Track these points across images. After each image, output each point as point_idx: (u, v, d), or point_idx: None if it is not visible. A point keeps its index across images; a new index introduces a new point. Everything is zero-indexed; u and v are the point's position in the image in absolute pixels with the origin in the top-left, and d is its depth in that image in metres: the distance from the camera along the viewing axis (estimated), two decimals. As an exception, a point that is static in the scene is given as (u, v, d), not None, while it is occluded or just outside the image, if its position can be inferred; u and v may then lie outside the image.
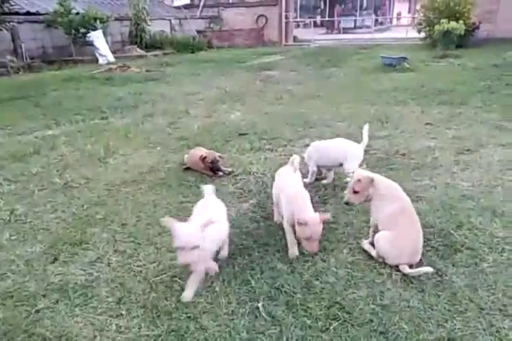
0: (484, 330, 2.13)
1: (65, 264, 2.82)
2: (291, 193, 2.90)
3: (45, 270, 2.75)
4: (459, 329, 2.14)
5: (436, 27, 13.24)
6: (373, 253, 2.75)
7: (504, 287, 2.43)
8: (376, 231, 2.78)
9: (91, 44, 13.83)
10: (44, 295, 2.51)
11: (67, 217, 3.47)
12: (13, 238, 3.16)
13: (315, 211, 2.80)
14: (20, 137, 5.79)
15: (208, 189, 2.96)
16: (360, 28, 29.13)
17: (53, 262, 2.84)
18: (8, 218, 3.46)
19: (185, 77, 10.99)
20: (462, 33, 13.05)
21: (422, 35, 15.40)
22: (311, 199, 2.96)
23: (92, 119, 6.72)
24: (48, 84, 9.95)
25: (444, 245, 2.83)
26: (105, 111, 7.21)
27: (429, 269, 2.52)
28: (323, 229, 2.71)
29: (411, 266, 2.57)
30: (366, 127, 3.79)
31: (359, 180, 2.75)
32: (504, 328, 2.13)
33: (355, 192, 2.79)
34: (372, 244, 2.81)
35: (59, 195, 3.89)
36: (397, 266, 2.60)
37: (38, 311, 2.39)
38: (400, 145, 4.84)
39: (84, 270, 2.75)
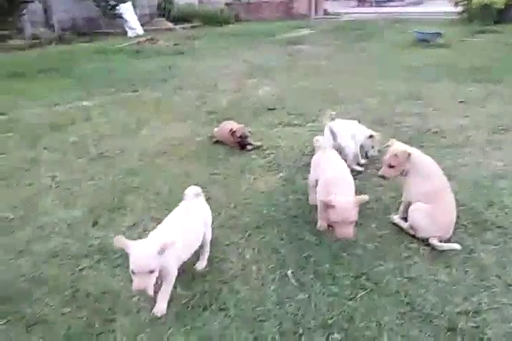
0: (511, 305, 2.17)
1: (104, 228, 2.99)
2: (328, 177, 2.79)
3: (86, 233, 2.93)
4: (485, 303, 2.18)
5: (474, 0, 12.59)
6: (404, 225, 2.79)
7: (533, 265, 2.44)
8: (408, 207, 2.80)
9: (120, 16, 13.86)
10: (86, 256, 2.68)
11: (104, 184, 3.64)
12: (55, 202, 3.36)
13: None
14: (56, 108, 5.99)
15: (191, 192, 2.59)
16: (393, 1, 27.92)
17: (93, 226, 3.02)
18: (49, 184, 3.66)
19: (213, 50, 10.93)
20: (502, 7, 12.36)
21: (459, 9, 14.66)
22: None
23: (123, 92, 6.85)
24: (80, 56, 10.12)
25: (473, 223, 2.84)
26: (135, 83, 7.32)
27: (458, 246, 2.55)
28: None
29: (440, 241, 2.61)
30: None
31: (396, 155, 2.73)
32: (530, 304, 2.17)
33: (390, 166, 2.78)
34: (402, 218, 2.84)
35: (95, 164, 4.06)
36: (426, 240, 2.64)
37: (81, 270, 2.56)
38: (432, 123, 4.75)
39: (123, 234, 2.89)
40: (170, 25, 15.94)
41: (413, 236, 2.73)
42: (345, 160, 3.22)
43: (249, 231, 2.89)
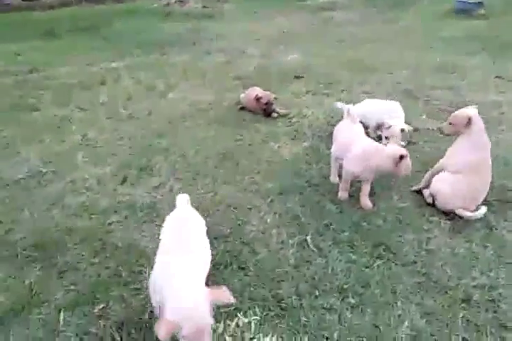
0: (527, 282, 2.18)
1: (132, 186, 3.09)
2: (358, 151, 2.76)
3: (115, 189, 3.05)
4: (502, 278, 2.21)
5: (527, -33, 11.69)
6: (426, 193, 2.82)
7: (556, 245, 2.43)
8: (434, 175, 2.81)
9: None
10: (115, 211, 2.81)
11: (133, 145, 3.73)
12: (85, 159, 3.48)
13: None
14: (87, 67, 6.07)
15: (182, 200, 2.29)
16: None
17: (122, 183, 3.13)
18: (80, 142, 3.77)
19: (242, 14, 10.64)
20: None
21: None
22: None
23: (151, 54, 6.83)
24: (111, 16, 10.08)
25: (498, 200, 2.81)
26: (164, 46, 7.27)
27: (484, 210, 2.58)
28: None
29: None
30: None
31: (456, 115, 2.70)
32: (548, 282, 2.18)
33: (450, 123, 2.73)
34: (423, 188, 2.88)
35: (124, 125, 4.14)
36: (448, 214, 2.67)
37: (110, 224, 2.69)
38: (464, 98, 4.60)
39: (149, 193, 3.01)
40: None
41: (434, 208, 2.75)
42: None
43: (271, 196, 2.94)
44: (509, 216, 2.68)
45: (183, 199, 2.28)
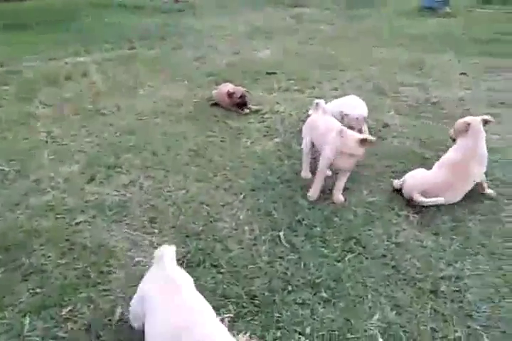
0: (492, 272, 2.26)
1: (100, 184, 3.01)
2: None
3: (83, 188, 2.96)
4: (468, 269, 2.28)
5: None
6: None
7: (518, 235, 2.52)
8: None
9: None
10: (83, 211, 2.72)
11: (101, 141, 3.63)
12: (51, 157, 3.36)
13: None
14: (52, 62, 5.86)
15: (168, 254, 1.80)
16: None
17: (90, 182, 3.04)
18: (46, 139, 3.64)
19: (213, 9, 10.55)
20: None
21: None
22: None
23: (120, 48, 6.67)
24: (78, 9, 9.77)
25: (465, 196, 2.89)
26: (133, 41, 7.11)
27: (442, 200, 2.69)
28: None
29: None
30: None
31: (459, 121, 2.95)
32: (511, 272, 2.26)
33: (454, 129, 2.98)
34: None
35: (92, 121, 4.02)
36: (416, 207, 2.74)
37: (77, 224, 2.61)
38: (431, 94, 4.72)
39: (119, 191, 2.93)
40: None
41: (403, 202, 2.81)
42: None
43: (244, 193, 2.94)
44: (475, 208, 2.77)
45: (168, 254, 1.78)
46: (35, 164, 3.26)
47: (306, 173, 3.14)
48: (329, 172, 3.02)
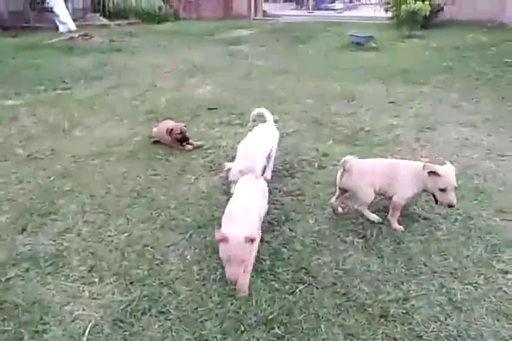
0: (436, 291, 2.33)
1: (33, 234, 2.81)
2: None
3: (14, 240, 2.74)
4: (413, 290, 2.34)
5: (403, 7, 13.39)
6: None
7: (455, 253, 2.64)
8: None
9: (50, 10, 13.02)
10: (14, 264, 2.51)
11: (33, 188, 3.41)
12: (-23, 209, 3.10)
13: (283, 184, 2.87)
14: (-22, 107, 5.53)
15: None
16: (330, 5, 28.90)
17: (21, 232, 2.82)
18: (-30, 188, 3.37)
19: (152, 48, 10.67)
20: (427, 14, 13.27)
21: (389, 14, 15.53)
22: (281, 172, 3.04)
23: (54, 90, 6.47)
24: (5, 52, 9.40)
25: (403, 216, 3.02)
26: (68, 81, 6.95)
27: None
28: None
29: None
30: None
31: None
32: (453, 289, 2.34)
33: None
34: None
35: (23, 167, 3.80)
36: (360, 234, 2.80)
37: (8, 280, 2.39)
38: (364, 123, 4.99)
39: (54, 240, 2.75)
40: (105, 21, 15.27)
41: (346, 228, 2.88)
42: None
43: (190, 231, 2.87)
44: (413, 229, 2.89)
45: None
46: (-42, 217, 2.99)
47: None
48: None
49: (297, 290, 2.33)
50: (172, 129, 4.17)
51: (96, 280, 2.41)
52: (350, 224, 2.95)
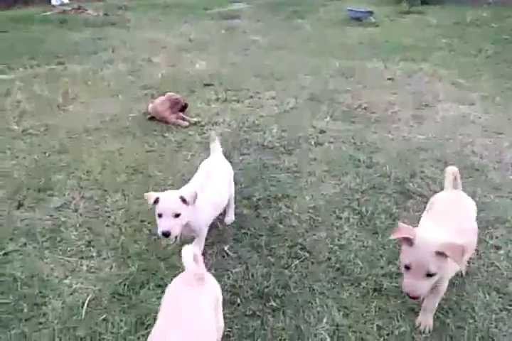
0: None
1: (30, 209, 2.81)
2: None
3: (11, 215, 2.75)
4: (406, 264, 2.38)
5: (404, -19, 13.03)
6: None
7: (448, 229, 2.68)
8: None
9: (41, -19, 12.58)
10: (11, 239, 2.53)
11: (29, 163, 3.40)
12: (-27, 184, 3.09)
13: (279, 160, 2.82)
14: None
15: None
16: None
17: (18, 208, 2.83)
18: (-35, 164, 3.35)
19: (147, 22, 10.37)
20: (429, -12, 12.92)
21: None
22: (279, 149, 3.02)
23: (47, 64, 6.32)
24: (-3, 24, 9.16)
25: (398, 192, 3.05)
26: (61, 56, 6.78)
27: None
28: None
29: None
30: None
31: None
32: (445, 263, 2.39)
33: None
34: None
35: (18, 142, 3.77)
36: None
37: (6, 254, 2.42)
38: (362, 100, 4.94)
39: (51, 215, 2.76)
40: (98, -7, 14.78)
41: (344, 205, 2.90)
42: None
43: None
44: (408, 205, 2.91)
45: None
46: (-46, 192, 2.99)
47: None
48: None
49: (293, 265, 2.38)
50: (177, 98, 4.34)
51: (94, 254, 2.44)
52: (346, 200, 2.97)
